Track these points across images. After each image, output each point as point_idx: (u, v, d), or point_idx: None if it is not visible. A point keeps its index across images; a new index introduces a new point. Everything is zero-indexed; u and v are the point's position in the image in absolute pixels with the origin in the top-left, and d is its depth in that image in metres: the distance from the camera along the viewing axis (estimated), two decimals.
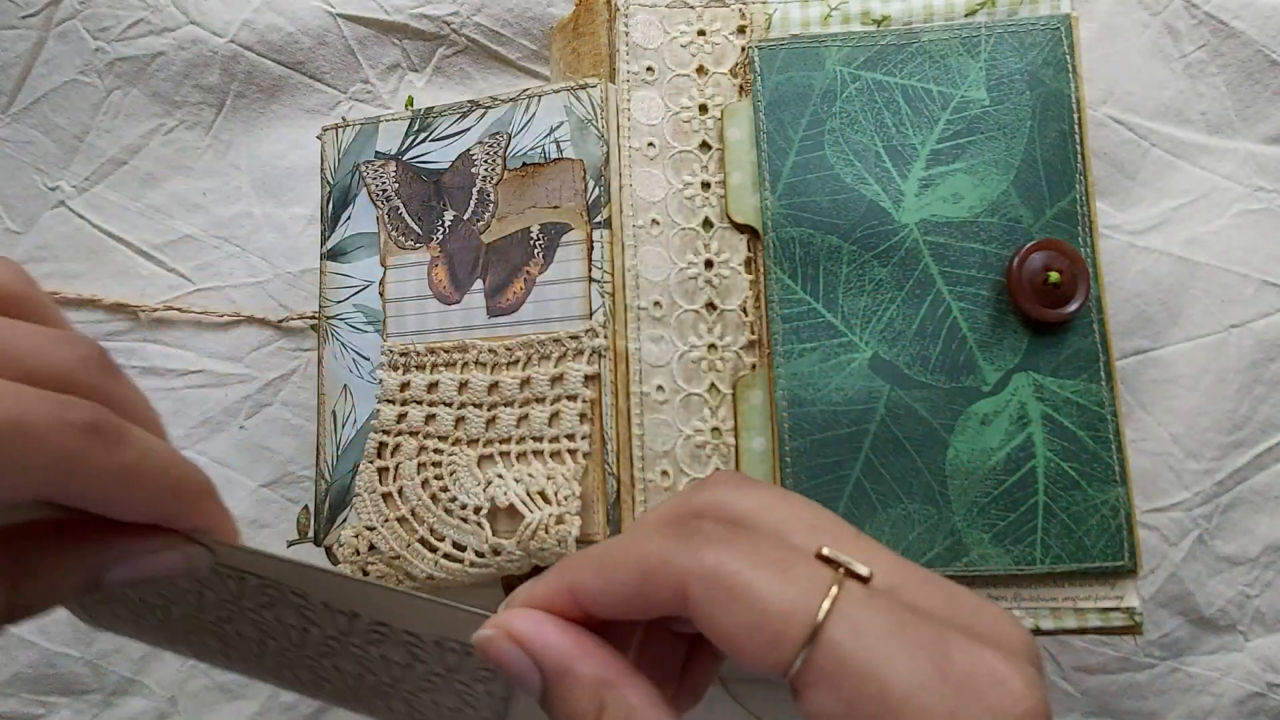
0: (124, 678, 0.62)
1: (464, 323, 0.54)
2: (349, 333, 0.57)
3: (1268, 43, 0.62)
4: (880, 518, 0.50)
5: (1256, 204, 0.62)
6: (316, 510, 0.56)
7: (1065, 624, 0.49)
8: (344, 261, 0.58)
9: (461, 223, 0.55)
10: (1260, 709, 0.60)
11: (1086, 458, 0.49)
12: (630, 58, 0.54)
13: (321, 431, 0.57)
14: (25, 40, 0.64)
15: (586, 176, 0.53)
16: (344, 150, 0.58)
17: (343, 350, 0.57)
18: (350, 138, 0.58)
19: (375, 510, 0.53)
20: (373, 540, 0.53)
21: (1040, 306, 0.49)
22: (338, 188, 0.58)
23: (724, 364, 0.52)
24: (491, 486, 0.51)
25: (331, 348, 0.57)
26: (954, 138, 0.52)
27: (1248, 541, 0.60)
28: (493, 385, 0.53)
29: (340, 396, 0.57)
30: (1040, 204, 0.51)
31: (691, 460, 0.51)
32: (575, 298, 0.52)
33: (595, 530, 0.50)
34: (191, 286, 0.64)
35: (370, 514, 0.53)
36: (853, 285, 0.51)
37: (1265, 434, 0.61)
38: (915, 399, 0.50)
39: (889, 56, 0.53)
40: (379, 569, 0.53)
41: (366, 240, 0.57)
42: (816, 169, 0.52)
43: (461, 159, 0.55)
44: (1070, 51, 0.52)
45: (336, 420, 0.57)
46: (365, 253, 0.57)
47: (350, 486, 0.55)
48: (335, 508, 0.55)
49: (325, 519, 0.56)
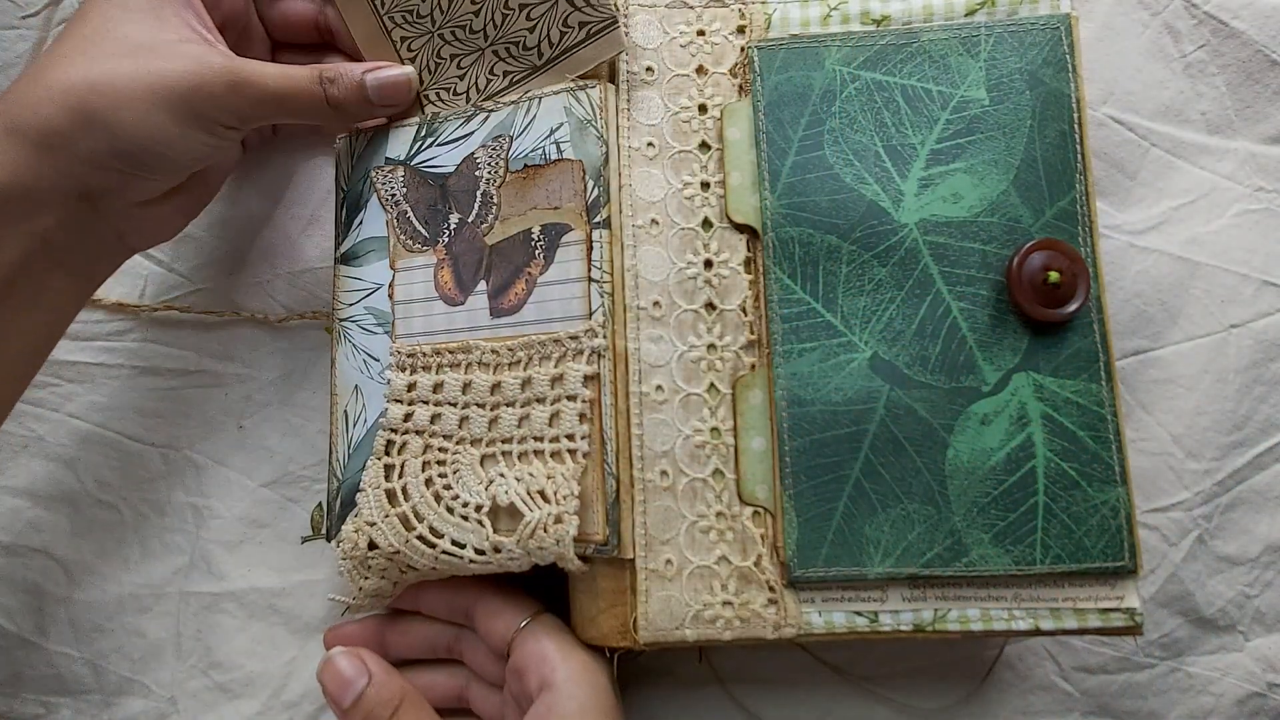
0: (124, 678, 0.62)
1: (468, 324, 0.54)
2: (360, 334, 0.58)
3: (1268, 43, 0.62)
4: (880, 518, 0.50)
5: (1256, 204, 0.62)
6: (329, 507, 0.57)
7: (1065, 624, 0.49)
8: (356, 265, 0.59)
9: (466, 225, 0.55)
10: (1260, 709, 0.60)
11: (1086, 458, 0.49)
12: (630, 58, 0.54)
13: (334, 431, 0.58)
14: (25, 40, 0.64)
15: (586, 177, 0.52)
16: (357, 157, 0.59)
17: (354, 352, 0.58)
18: (363, 144, 0.59)
19: (378, 506, 0.53)
20: (372, 536, 0.53)
21: (1040, 306, 0.49)
22: (351, 194, 0.59)
23: (723, 364, 0.52)
24: (493, 485, 0.51)
25: (344, 349, 0.58)
26: (954, 137, 0.52)
27: (1248, 541, 0.60)
28: (495, 385, 0.53)
29: (352, 397, 0.57)
30: (1040, 204, 0.51)
31: (691, 460, 0.51)
32: (575, 298, 0.52)
33: (594, 530, 0.50)
34: (191, 286, 0.64)
35: (372, 509, 0.53)
36: (852, 285, 0.51)
37: (1265, 434, 0.61)
38: (915, 399, 0.50)
39: (888, 56, 0.53)
40: (380, 564, 0.53)
41: (377, 244, 0.58)
42: (816, 169, 0.52)
43: (466, 162, 0.56)
44: (1070, 51, 0.52)
45: (348, 420, 0.57)
46: (376, 256, 0.58)
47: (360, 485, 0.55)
48: (346, 505, 0.56)
49: (337, 516, 0.56)
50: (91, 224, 0.52)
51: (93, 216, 0.52)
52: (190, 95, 0.49)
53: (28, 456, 0.63)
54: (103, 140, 0.48)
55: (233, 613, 0.62)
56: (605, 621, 0.52)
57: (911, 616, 0.50)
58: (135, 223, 0.54)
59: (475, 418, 0.53)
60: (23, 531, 0.62)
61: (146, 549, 0.63)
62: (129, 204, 0.52)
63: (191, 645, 0.62)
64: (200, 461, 0.64)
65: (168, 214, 0.56)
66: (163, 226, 0.56)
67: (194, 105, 0.49)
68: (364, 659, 0.52)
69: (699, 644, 0.51)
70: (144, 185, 0.52)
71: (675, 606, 0.50)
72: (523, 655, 0.52)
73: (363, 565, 0.54)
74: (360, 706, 0.51)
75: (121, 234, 0.54)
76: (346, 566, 0.54)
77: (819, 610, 0.50)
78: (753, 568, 0.51)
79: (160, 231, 0.56)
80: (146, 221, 0.54)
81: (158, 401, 0.64)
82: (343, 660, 0.52)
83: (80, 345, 0.64)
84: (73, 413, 0.63)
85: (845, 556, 0.50)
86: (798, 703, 0.60)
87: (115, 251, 0.55)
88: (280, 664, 0.62)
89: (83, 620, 0.62)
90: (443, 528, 0.52)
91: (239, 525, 0.63)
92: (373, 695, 0.51)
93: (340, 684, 0.51)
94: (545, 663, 0.51)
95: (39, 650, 0.62)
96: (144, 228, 0.55)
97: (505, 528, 0.51)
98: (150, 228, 0.55)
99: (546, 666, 0.50)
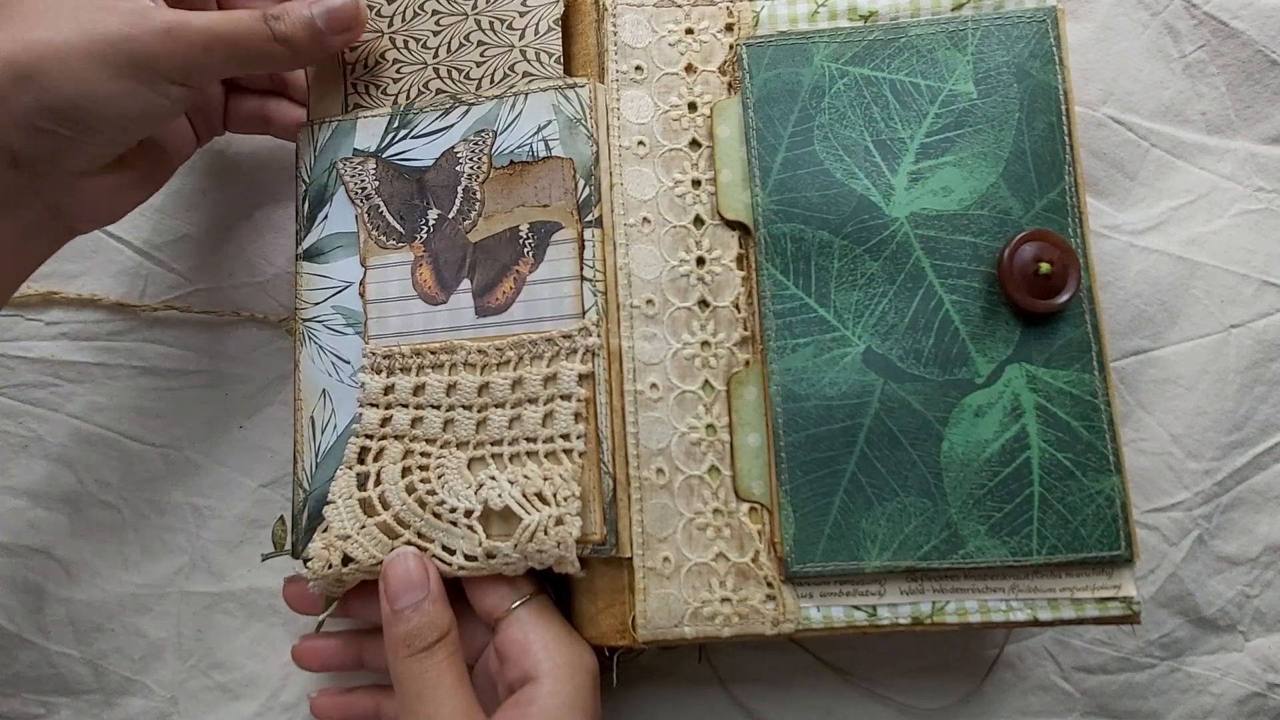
0: (124, 678, 0.62)
1: (450, 323, 0.54)
2: (327, 335, 0.56)
3: (1268, 43, 0.62)
4: (876, 511, 0.50)
5: (1256, 204, 0.62)
6: (294, 521, 0.55)
7: (1063, 614, 0.49)
8: (321, 262, 0.56)
9: (447, 221, 0.55)
10: (1260, 709, 0.59)
11: (1081, 448, 0.49)
12: (619, 57, 0.55)
13: (299, 439, 0.55)
14: None
15: (577, 175, 0.53)
16: (320, 147, 0.57)
17: (320, 353, 0.56)
18: (327, 134, 0.57)
19: (351, 517, 0.52)
20: (347, 550, 0.51)
21: (1032, 297, 0.49)
22: (314, 186, 0.57)
23: (717, 361, 0.52)
24: (484, 489, 0.51)
25: (309, 351, 0.56)
26: (942, 131, 0.52)
27: (1248, 541, 0.60)
28: (483, 386, 0.52)
29: (319, 401, 0.55)
30: (1030, 196, 0.51)
31: (687, 457, 0.52)
32: (567, 297, 0.52)
33: (592, 529, 0.50)
34: (191, 286, 0.65)
35: (345, 522, 0.52)
36: (844, 280, 0.52)
37: (1265, 434, 0.60)
38: (909, 392, 0.50)
39: (876, 51, 0.53)
40: (356, 579, 0.52)
41: (345, 240, 0.56)
42: (806, 165, 0.52)
43: (445, 156, 0.55)
44: (1057, 44, 0.52)
45: (315, 426, 0.55)
46: (344, 253, 0.56)
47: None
48: (314, 518, 0.53)
49: (304, 529, 0.54)
50: (22, 194, 0.50)
51: (23, 186, 0.50)
52: (124, 44, 0.47)
53: (28, 456, 0.63)
54: (32, 97, 0.46)
55: (233, 613, 0.63)
56: (604, 620, 0.52)
57: (909, 609, 0.50)
58: (73, 196, 0.52)
59: (461, 420, 0.52)
60: (23, 531, 0.63)
61: (146, 549, 0.63)
62: (66, 173, 0.50)
63: (192, 645, 0.62)
64: (200, 461, 0.64)
65: (110, 190, 0.53)
66: (104, 203, 0.54)
67: (130, 56, 0.47)
68: (431, 576, 0.51)
69: (698, 641, 0.51)
70: (82, 150, 0.49)
71: (674, 604, 0.50)
72: (507, 641, 0.50)
73: (337, 584, 0.52)
74: (411, 618, 0.49)
75: (58, 209, 0.52)
76: (318, 587, 0.52)
77: (817, 605, 0.50)
78: (750, 564, 0.51)
79: (101, 210, 0.54)
80: (85, 195, 0.52)
81: (158, 401, 0.64)
82: (416, 563, 0.50)
83: (80, 345, 0.64)
84: (73, 413, 0.64)
85: (842, 551, 0.50)
86: (798, 703, 0.60)
87: (50, 229, 0.53)
88: (280, 664, 0.62)
89: (83, 620, 0.62)
90: (431, 534, 0.51)
91: (239, 525, 0.63)
92: (428, 612, 0.49)
93: (407, 584, 0.50)
94: (528, 655, 0.49)
95: (39, 650, 0.62)
96: (83, 203, 0.53)
97: (498, 532, 0.50)
98: (89, 203, 0.53)
99: (529, 660, 0.49)
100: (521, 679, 0.49)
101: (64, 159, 0.49)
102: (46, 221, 0.52)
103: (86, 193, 0.52)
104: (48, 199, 0.51)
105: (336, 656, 0.57)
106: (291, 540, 0.54)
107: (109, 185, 0.53)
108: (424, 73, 0.56)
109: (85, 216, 0.54)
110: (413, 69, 0.56)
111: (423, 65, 0.56)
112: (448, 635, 0.50)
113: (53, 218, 0.52)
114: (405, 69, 0.56)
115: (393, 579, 0.50)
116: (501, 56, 0.55)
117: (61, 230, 0.54)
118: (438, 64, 0.56)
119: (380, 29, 0.57)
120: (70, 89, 0.46)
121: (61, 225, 0.53)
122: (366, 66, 0.57)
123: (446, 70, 0.56)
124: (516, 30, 0.55)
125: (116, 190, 0.54)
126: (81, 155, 0.50)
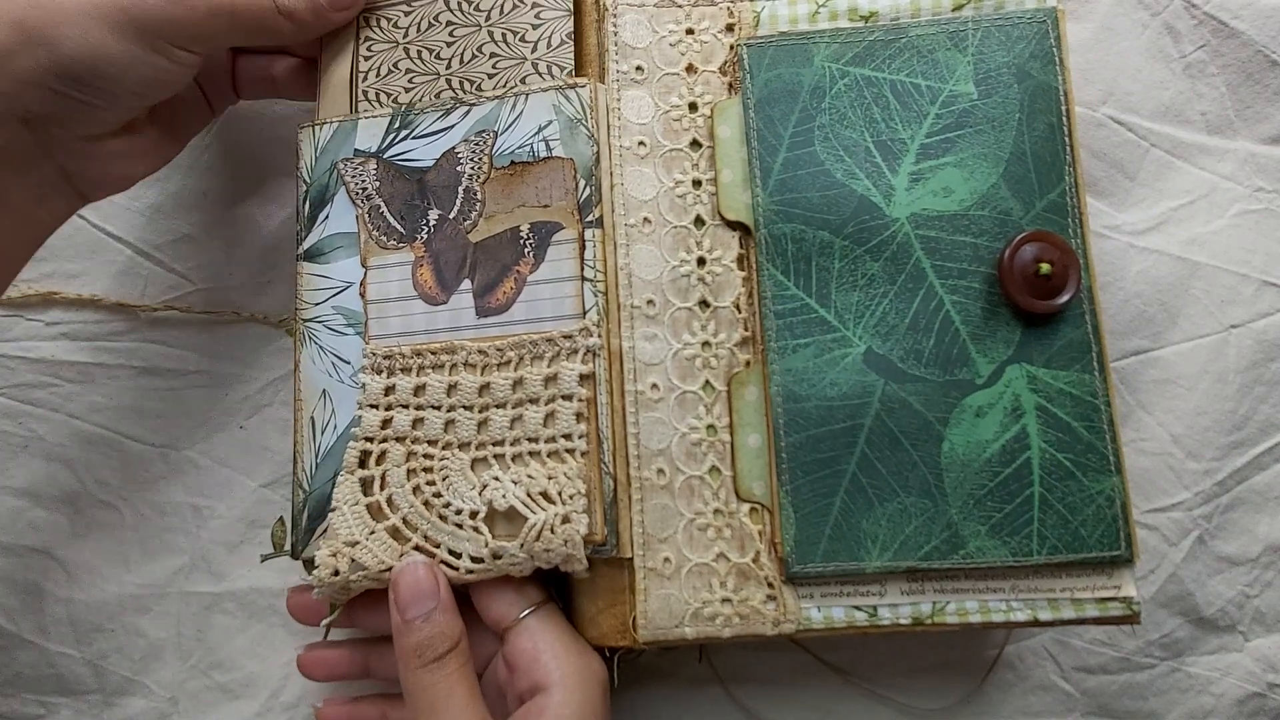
0: (124, 678, 0.62)
1: (451, 323, 0.53)
2: (328, 335, 0.55)
3: (1268, 43, 0.62)
4: (877, 512, 0.50)
5: (1256, 204, 0.62)
6: (294, 521, 0.54)
7: (1063, 615, 0.49)
8: (322, 262, 0.56)
9: (447, 222, 0.54)
10: (1260, 709, 0.59)
11: (1081, 448, 0.49)
12: (619, 57, 0.55)
13: (299, 439, 0.55)
14: None
15: (577, 175, 0.53)
16: (321, 148, 0.57)
17: (321, 354, 0.55)
18: (328, 135, 0.57)
19: (359, 523, 0.52)
20: (355, 556, 0.51)
21: (1032, 298, 0.49)
22: (315, 186, 0.57)
23: (718, 361, 0.52)
24: (488, 490, 0.51)
25: (309, 351, 0.56)
26: (943, 132, 0.52)
27: (1248, 541, 0.60)
28: (484, 386, 0.52)
29: (319, 402, 0.55)
30: (1030, 196, 0.51)
31: (687, 458, 0.52)
32: (567, 297, 0.52)
33: (593, 530, 0.50)
34: (191, 286, 0.65)
35: (352, 528, 0.52)
36: (845, 280, 0.52)
37: (1265, 434, 0.60)
38: (909, 393, 0.50)
39: (877, 52, 0.53)
40: (364, 585, 0.52)
41: (346, 240, 0.56)
42: (807, 165, 0.52)
43: (446, 157, 0.55)
44: (1057, 44, 0.52)
45: (315, 427, 0.55)
46: (344, 253, 0.56)
47: (330, 496, 0.53)
48: (314, 518, 0.53)
49: (304, 530, 0.54)
50: (34, 155, 0.51)
51: (35, 147, 0.50)
52: (131, 8, 0.48)
53: (28, 456, 0.63)
54: (43, 57, 0.47)
55: (233, 613, 0.63)
56: (604, 621, 0.52)
57: (910, 610, 0.50)
58: (85, 160, 0.53)
59: (462, 420, 0.52)
60: (23, 531, 0.63)
61: (146, 549, 0.63)
62: (76, 136, 0.51)
63: (192, 645, 0.62)
64: (200, 461, 0.64)
65: (121, 155, 0.54)
66: (115, 169, 0.55)
67: (136, 19, 0.48)
68: (441, 585, 0.50)
69: (698, 642, 0.51)
70: (92, 114, 0.50)
71: (674, 605, 0.50)
72: (516, 651, 0.50)
73: (344, 590, 0.52)
74: (422, 628, 0.49)
75: (68, 173, 0.53)
76: (324, 593, 0.52)
77: (818, 605, 0.50)
78: (751, 564, 0.51)
79: (112, 175, 0.55)
80: (97, 159, 0.53)
81: (158, 401, 0.64)
82: (426, 573, 0.50)
83: (80, 345, 0.64)
84: (73, 413, 0.64)
85: (843, 551, 0.50)
86: (798, 703, 0.60)
87: (62, 192, 0.54)
88: (280, 664, 0.62)
89: (83, 620, 0.62)
90: (438, 537, 0.51)
91: (239, 525, 0.63)
92: (439, 622, 0.49)
93: (417, 593, 0.49)
94: (538, 665, 0.49)
95: (39, 650, 0.62)
96: (94, 167, 0.53)
97: (503, 532, 0.50)
98: (101, 167, 0.54)
99: (539, 670, 0.49)
100: (532, 689, 0.49)
101: (75, 121, 0.50)
102: (59, 183, 0.53)
103: (98, 157, 0.53)
104: (60, 161, 0.52)
105: (343, 665, 0.57)
106: (291, 541, 0.54)
107: (120, 150, 0.54)
108: (436, 83, 0.56)
109: (97, 181, 0.55)
110: (425, 79, 0.56)
111: (435, 76, 0.56)
112: (459, 645, 0.49)
113: (65, 180, 0.53)
114: (418, 79, 0.56)
115: (403, 588, 0.49)
116: (513, 69, 0.55)
117: (74, 195, 0.54)
118: (450, 75, 0.56)
119: (395, 39, 0.57)
120: (79, 51, 0.47)
121: (73, 190, 0.54)
122: (379, 75, 0.57)
123: (459, 81, 0.56)
124: (529, 43, 0.55)
125: (128, 155, 0.55)
126: (92, 118, 0.51)
